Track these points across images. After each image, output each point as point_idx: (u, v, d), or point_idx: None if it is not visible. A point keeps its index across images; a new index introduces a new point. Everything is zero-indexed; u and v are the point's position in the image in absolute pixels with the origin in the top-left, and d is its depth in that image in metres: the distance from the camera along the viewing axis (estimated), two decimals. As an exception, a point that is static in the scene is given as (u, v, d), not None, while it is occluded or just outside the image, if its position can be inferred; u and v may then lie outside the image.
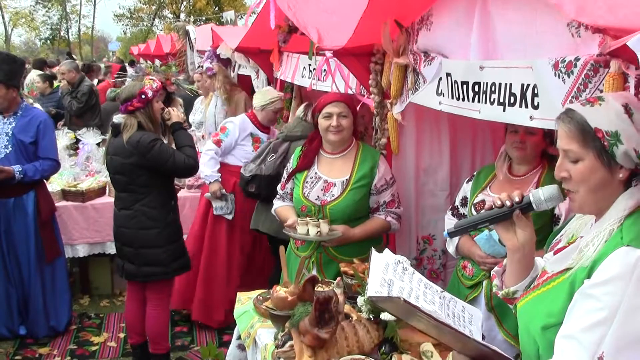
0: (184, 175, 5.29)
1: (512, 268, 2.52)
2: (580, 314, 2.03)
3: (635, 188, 2.12)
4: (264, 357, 3.40)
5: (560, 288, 2.19)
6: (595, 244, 2.10)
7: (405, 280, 2.70)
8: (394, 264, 2.83)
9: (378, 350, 3.14)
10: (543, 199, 2.35)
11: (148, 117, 5.16)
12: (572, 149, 2.13)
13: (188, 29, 12.32)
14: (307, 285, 3.34)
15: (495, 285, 2.68)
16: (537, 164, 3.89)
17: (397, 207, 4.49)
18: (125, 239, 5.32)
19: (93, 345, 6.36)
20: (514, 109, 3.04)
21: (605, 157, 2.07)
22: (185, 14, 48.64)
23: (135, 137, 5.06)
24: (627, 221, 2.08)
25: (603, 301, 1.97)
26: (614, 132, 2.04)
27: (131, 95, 5.10)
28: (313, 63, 5.67)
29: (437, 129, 4.77)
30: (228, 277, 6.56)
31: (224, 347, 5.69)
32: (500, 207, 2.40)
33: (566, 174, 2.18)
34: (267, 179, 5.52)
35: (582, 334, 2.00)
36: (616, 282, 1.95)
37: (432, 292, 2.74)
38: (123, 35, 57.98)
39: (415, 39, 4.03)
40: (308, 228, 4.17)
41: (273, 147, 5.78)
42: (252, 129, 6.47)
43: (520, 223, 2.39)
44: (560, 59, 2.66)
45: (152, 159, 5.06)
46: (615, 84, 2.37)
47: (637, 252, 1.95)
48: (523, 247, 2.43)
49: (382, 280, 2.61)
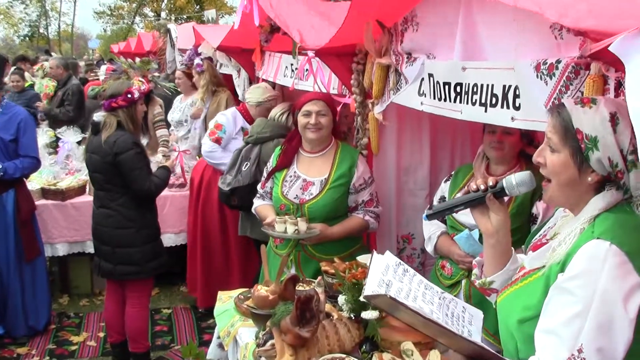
0: (138, 193, 5.16)
1: (489, 255, 2.56)
2: (557, 308, 2.08)
3: (608, 192, 2.16)
4: (244, 356, 3.40)
5: (537, 283, 2.24)
6: (567, 243, 2.15)
7: (405, 282, 2.72)
8: (395, 265, 2.85)
9: (359, 349, 3.14)
10: (515, 184, 2.40)
11: (130, 117, 5.15)
12: (553, 139, 2.19)
13: (169, 27, 12.27)
14: (288, 284, 3.35)
15: (475, 274, 2.72)
16: (514, 164, 3.92)
17: (375, 207, 4.52)
18: (102, 237, 5.33)
19: (72, 344, 6.33)
20: (495, 110, 3.07)
21: (579, 158, 2.12)
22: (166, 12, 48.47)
23: (113, 137, 5.06)
24: (598, 218, 2.13)
25: (577, 294, 2.01)
26: (593, 137, 2.08)
27: (117, 93, 5.09)
28: (295, 62, 5.67)
29: (418, 129, 4.80)
30: (226, 262, 6.63)
31: (204, 346, 5.68)
32: (476, 192, 2.47)
33: (542, 160, 2.26)
34: (248, 189, 5.49)
35: (560, 328, 2.04)
36: (588, 275, 2.00)
37: (432, 293, 2.76)
38: (103, 32, 57.67)
39: (400, 39, 4.04)
40: (286, 226, 4.18)
41: (245, 154, 5.73)
42: (242, 122, 6.47)
43: (493, 207, 2.44)
44: (541, 60, 2.69)
45: (121, 162, 5.05)
46: (595, 86, 2.40)
47: (606, 244, 2.00)
48: (497, 232, 2.47)
49: (381, 281, 2.63)
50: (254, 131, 5.82)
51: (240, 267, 6.60)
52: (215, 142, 6.39)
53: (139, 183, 5.13)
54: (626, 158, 2.08)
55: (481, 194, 2.45)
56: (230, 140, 6.43)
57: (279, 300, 3.31)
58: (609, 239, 2.01)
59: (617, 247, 1.99)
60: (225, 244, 6.61)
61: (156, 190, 5.32)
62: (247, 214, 5.87)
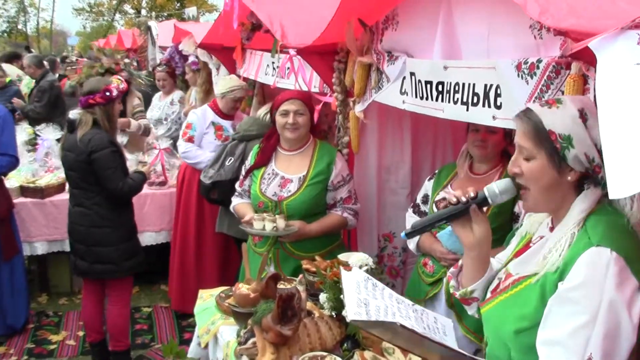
0: (111, 192, 5.12)
1: (469, 266, 2.54)
2: (561, 319, 2.06)
3: (589, 191, 2.18)
4: (226, 354, 3.39)
5: (530, 291, 2.22)
6: (558, 250, 2.14)
7: (378, 297, 2.68)
8: (364, 281, 2.81)
9: (340, 347, 3.16)
10: (498, 192, 2.38)
11: (106, 115, 5.13)
12: (526, 147, 2.18)
13: (150, 24, 12.23)
14: (270, 283, 3.35)
15: (452, 286, 2.69)
16: (497, 163, 3.94)
17: (354, 204, 4.52)
18: (78, 236, 5.30)
19: (51, 343, 6.28)
20: (477, 109, 3.09)
21: (556, 159, 2.13)
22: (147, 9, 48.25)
23: (89, 135, 5.04)
24: (588, 223, 2.13)
25: (583, 304, 2.00)
26: (567, 136, 2.09)
27: (95, 90, 5.07)
28: (276, 61, 5.67)
29: (400, 128, 4.81)
30: (204, 261, 6.61)
31: (185, 344, 5.65)
32: (456, 204, 2.42)
33: (518, 170, 2.24)
34: (229, 184, 5.49)
35: (566, 339, 2.02)
36: (593, 284, 1.99)
37: (405, 306, 2.71)
38: (83, 29, 57.31)
39: (380, 38, 4.06)
40: (264, 223, 4.18)
41: (230, 149, 5.76)
42: (213, 117, 6.49)
43: (477, 218, 2.41)
44: (523, 60, 2.71)
45: (95, 160, 5.03)
46: (575, 86, 2.42)
47: (607, 252, 2.00)
48: (480, 244, 2.45)
49: (358, 300, 2.58)
50: (241, 128, 5.83)
51: (219, 267, 6.60)
52: (189, 142, 6.42)
53: (112, 182, 5.10)
54: (601, 151, 2.09)
55: (462, 206, 2.41)
56: (202, 136, 6.46)
57: (260, 299, 3.31)
58: (609, 245, 2.02)
59: (617, 254, 2.00)
60: (203, 243, 6.60)
61: (129, 192, 5.29)
62: (225, 211, 5.88)
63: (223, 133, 6.41)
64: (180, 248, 6.64)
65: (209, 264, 6.61)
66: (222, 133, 6.40)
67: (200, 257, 6.59)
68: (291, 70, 5.28)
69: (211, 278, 6.42)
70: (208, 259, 6.61)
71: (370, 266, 3.58)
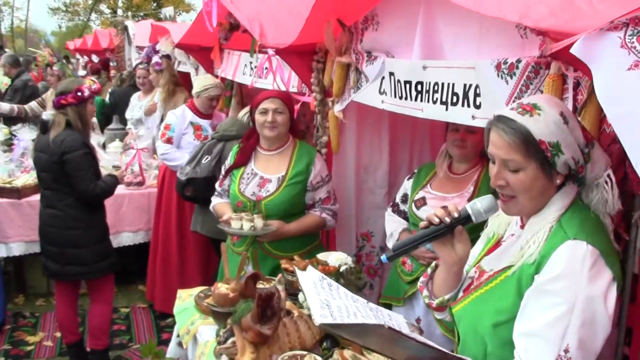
0: (81, 194, 5.10)
1: (449, 279, 2.53)
2: (538, 311, 2.08)
3: (568, 187, 2.21)
4: (201, 352, 3.39)
5: (506, 285, 2.24)
6: (536, 242, 2.16)
7: (337, 297, 2.63)
8: (319, 280, 2.76)
9: (319, 346, 3.16)
10: (482, 211, 2.36)
11: (79, 116, 5.11)
12: (514, 159, 2.15)
13: (127, 24, 12.18)
14: (249, 282, 3.35)
15: (426, 297, 2.69)
16: (476, 162, 3.97)
17: (332, 204, 4.53)
18: (49, 238, 5.28)
19: (28, 345, 6.24)
20: (456, 109, 3.10)
21: (547, 167, 2.13)
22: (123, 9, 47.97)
23: (61, 136, 5.02)
24: (563, 217, 2.17)
25: (561, 296, 2.03)
26: (556, 143, 2.10)
27: (67, 90, 5.05)
28: (254, 60, 5.67)
29: (378, 128, 4.83)
30: (185, 261, 6.61)
31: (163, 345, 5.64)
32: (438, 224, 2.38)
33: (503, 182, 2.22)
34: (203, 182, 5.50)
35: (544, 330, 2.05)
36: (569, 276, 2.03)
37: (361, 304, 2.66)
38: (58, 29, 56.86)
39: (359, 38, 4.07)
40: (242, 223, 4.18)
41: (207, 148, 5.76)
42: (191, 117, 6.51)
43: (461, 238, 2.39)
44: (502, 60, 2.73)
45: (67, 161, 5.01)
46: (555, 85, 2.45)
47: (583, 245, 2.04)
48: (461, 260, 2.44)
49: (320, 302, 2.53)
50: (222, 128, 5.85)
51: (201, 267, 6.61)
52: (167, 143, 6.43)
53: (83, 184, 5.08)
54: (583, 151, 2.13)
55: (445, 227, 2.36)
56: (181, 137, 6.47)
57: (239, 298, 3.31)
58: (584, 238, 2.05)
59: (592, 246, 2.04)
60: (185, 243, 6.60)
61: (101, 194, 5.27)
62: (200, 210, 5.91)
63: (202, 133, 6.43)
64: (163, 248, 6.63)
65: (191, 263, 6.61)
66: (201, 133, 6.41)
67: (182, 257, 6.60)
68: (269, 70, 5.29)
69: (193, 278, 6.43)
70: (190, 259, 6.61)
71: (349, 265, 3.59)
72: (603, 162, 2.18)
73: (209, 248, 6.57)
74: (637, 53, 1.70)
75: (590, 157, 2.15)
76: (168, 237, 6.61)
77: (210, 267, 6.55)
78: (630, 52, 1.72)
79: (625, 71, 1.72)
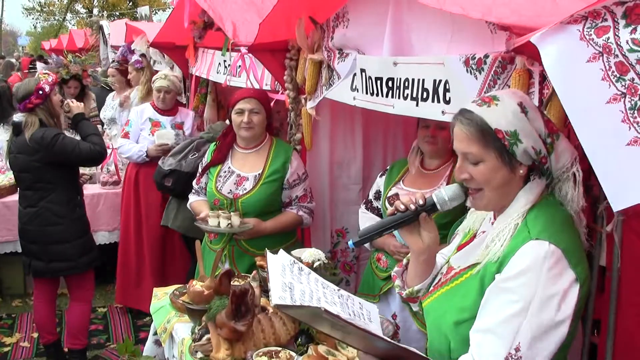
0: (92, 163, 5.28)
1: (418, 269, 2.55)
2: (495, 308, 2.09)
3: (534, 182, 2.20)
4: (180, 351, 3.39)
5: (470, 283, 2.24)
6: (501, 239, 2.17)
7: (304, 282, 2.63)
8: (290, 265, 2.75)
9: (294, 342, 3.18)
10: (447, 199, 2.36)
11: (48, 113, 5.13)
12: (472, 152, 2.17)
13: (102, 23, 12.13)
14: (223, 279, 3.37)
15: (398, 286, 2.71)
16: (448, 158, 3.99)
17: (309, 202, 4.56)
18: (31, 237, 5.27)
19: (5, 346, 6.21)
20: (426, 104, 3.12)
21: (506, 157, 2.13)
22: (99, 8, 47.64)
23: (38, 133, 5.02)
24: (529, 215, 2.17)
25: (518, 293, 2.03)
26: (513, 132, 2.10)
27: (28, 93, 5.04)
28: (228, 59, 5.68)
29: (351, 124, 4.85)
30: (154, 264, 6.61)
31: (141, 343, 5.63)
32: (404, 212, 2.39)
33: (467, 176, 2.23)
34: (186, 176, 5.50)
35: (498, 327, 2.05)
36: (528, 274, 2.02)
37: (330, 291, 2.66)
38: (33, 29, 56.38)
39: (330, 35, 4.09)
40: (219, 220, 4.20)
41: (196, 145, 5.75)
42: (151, 114, 6.57)
43: (426, 225, 2.40)
44: (470, 55, 2.75)
45: (57, 152, 5.03)
46: (521, 80, 2.48)
47: (545, 245, 2.04)
48: (429, 248, 2.45)
49: (283, 284, 2.53)
50: (213, 130, 5.85)
51: (174, 265, 6.62)
52: (124, 137, 6.53)
53: (84, 153, 5.15)
54: (545, 142, 2.13)
55: (410, 213, 2.38)
56: (138, 132, 6.54)
57: (214, 295, 3.32)
58: (546, 238, 2.05)
59: (555, 246, 2.04)
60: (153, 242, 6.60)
61: (102, 150, 5.31)
62: (174, 205, 5.91)
63: (159, 129, 6.44)
64: (136, 247, 6.61)
65: (162, 261, 6.64)
66: (158, 129, 6.43)
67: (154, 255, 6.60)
68: (242, 68, 5.29)
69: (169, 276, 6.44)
70: (160, 257, 6.64)
71: (322, 261, 3.61)
72: (569, 154, 2.17)
73: (181, 246, 6.59)
74: (595, 45, 1.73)
75: (554, 148, 2.15)
76: (139, 235, 6.60)
77: (182, 264, 6.58)
78: (589, 44, 1.74)
79: (584, 63, 1.75)
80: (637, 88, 1.66)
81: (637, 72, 1.65)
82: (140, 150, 6.37)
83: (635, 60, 1.63)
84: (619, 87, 1.70)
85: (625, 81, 1.68)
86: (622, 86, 1.69)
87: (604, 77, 1.72)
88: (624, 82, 1.68)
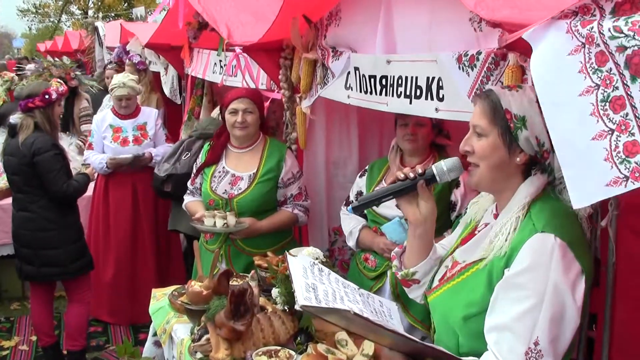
0: (54, 195, 5.12)
1: (414, 245, 2.58)
2: (508, 304, 2.10)
3: (535, 177, 2.22)
4: (180, 352, 3.40)
5: (477, 277, 2.26)
6: (504, 234, 2.18)
7: (325, 282, 2.67)
8: (310, 266, 2.80)
9: (294, 341, 3.19)
10: (445, 170, 2.40)
11: (47, 118, 5.13)
12: (480, 124, 2.22)
13: (97, 25, 12.12)
14: (222, 279, 3.38)
15: (395, 266, 2.73)
16: (427, 155, 3.99)
17: (304, 200, 4.57)
18: (23, 240, 5.28)
19: (4, 349, 6.22)
20: (420, 102, 3.14)
21: (507, 138, 2.17)
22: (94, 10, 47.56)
23: (31, 138, 5.03)
24: (533, 209, 2.19)
25: (530, 288, 2.05)
26: (521, 117, 2.14)
27: (34, 93, 5.05)
28: (223, 59, 5.68)
29: (346, 123, 4.86)
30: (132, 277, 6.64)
31: (140, 345, 5.64)
32: (404, 180, 2.44)
33: (470, 148, 2.27)
34: (184, 178, 5.51)
35: (514, 323, 2.07)
36: (538, 269, 2.05)
37: (351, 290, 2.70)
38: (28, 31, 56.27)
39: (324, 34, 4.10)
40: (215, 220, 4.21)
41: (187, 145, 5.77)
42: (111, 120, 6.54)
43: (423, 195, 2.44)
44: (463, 52, 2.77)
45: (38, 163, 5.02)
46: (514, 77, 2.49)
47: (552, 237, 2.06)
48: (425, 221, 2.48)
49: (307, 285, 2.57)
50: (200, 126, 5.91)
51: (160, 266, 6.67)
52: (89, 149, 6.55)
53: (55, 185, 5.09)
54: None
55: (409, 182, 2.42)
56: (101, 141, 6.51)
57: (213, 295, 3.33)
58: (552, 231, 2.07)
59: (560, 239, 2.06)
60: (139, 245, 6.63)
61: (73, 194, 5.27)
62: (178, 208, 5.87)
63: (121, 135, 6.46)
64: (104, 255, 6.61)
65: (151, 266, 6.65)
66: (119, 135, 6.45)
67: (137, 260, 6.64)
68: (237, 67, 5.30)
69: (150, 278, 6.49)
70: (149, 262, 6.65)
71: (320, 260, 3.61)
72: None
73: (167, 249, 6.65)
74: (579, 36, 1.73)
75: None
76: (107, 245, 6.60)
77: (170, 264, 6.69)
78: (573, 36, 1.75)
79: (565, 56, 1.76)
80: (612, 79, 1.66)
81: (615, 60, 1.64)
82: (100, 162, 6.35)
83: (616, 48, 1.63)
84: (594, 79, 1.69)
85: (602, 72, 1.68)
86: (597, 78, 1.69)
87: (581, 70, 1.72)
88: (600, 74, 1.68)
